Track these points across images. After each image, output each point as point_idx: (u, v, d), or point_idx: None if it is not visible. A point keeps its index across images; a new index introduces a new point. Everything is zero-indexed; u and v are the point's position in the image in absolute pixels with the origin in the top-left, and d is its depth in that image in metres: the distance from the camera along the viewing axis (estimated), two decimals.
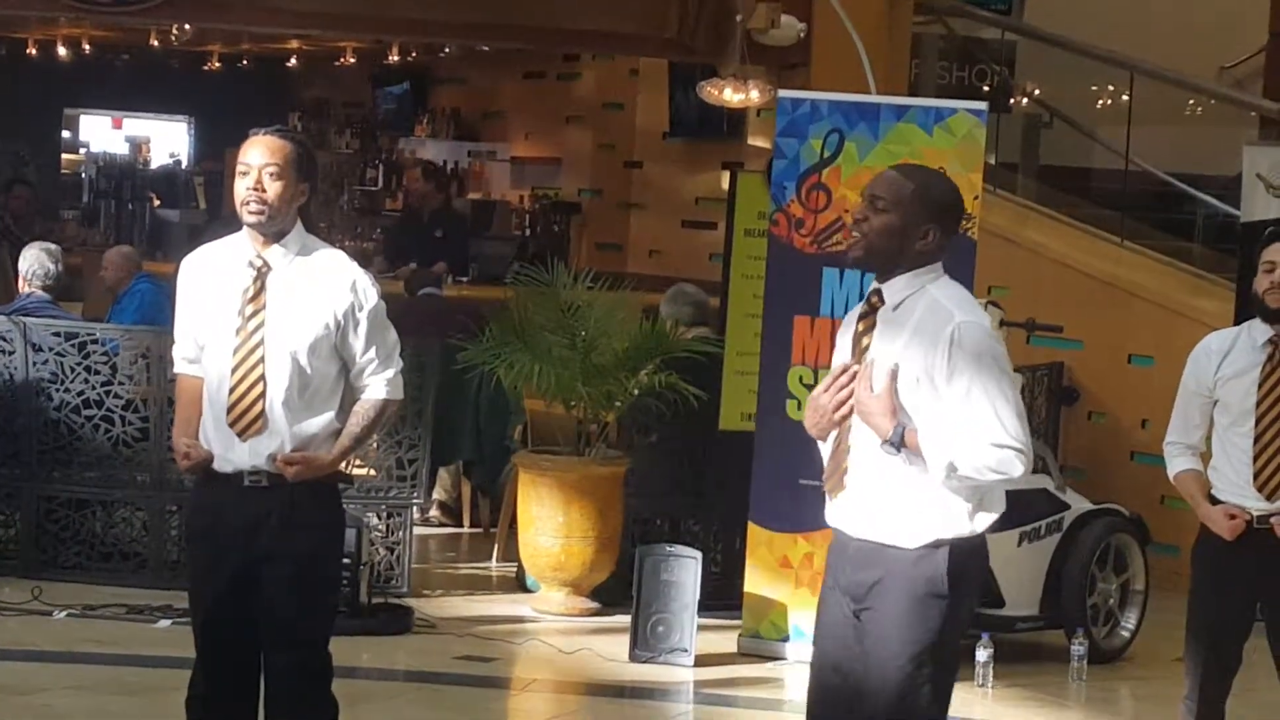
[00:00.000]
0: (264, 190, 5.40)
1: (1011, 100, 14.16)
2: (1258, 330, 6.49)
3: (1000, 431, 4.87)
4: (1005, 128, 13.62)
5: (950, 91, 13.32)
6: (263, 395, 5.41)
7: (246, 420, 5.42)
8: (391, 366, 5.54)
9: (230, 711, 5.53)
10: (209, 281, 5.53)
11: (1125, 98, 13.09)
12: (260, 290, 5.44)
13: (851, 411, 5.02)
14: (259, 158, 5.42)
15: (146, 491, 9.68)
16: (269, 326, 5.42)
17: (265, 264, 5.46)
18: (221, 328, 5.46)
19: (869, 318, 5.06)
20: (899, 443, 4.91)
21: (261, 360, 5.41)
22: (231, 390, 5.42)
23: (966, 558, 4.98)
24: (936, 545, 4.94)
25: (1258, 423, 6.42)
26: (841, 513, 5.09)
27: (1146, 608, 9.45)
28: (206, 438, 5.48)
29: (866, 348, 5.04)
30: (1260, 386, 6.42)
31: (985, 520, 4.99)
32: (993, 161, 12.11)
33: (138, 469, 9.71)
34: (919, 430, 4.90)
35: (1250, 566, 6.44)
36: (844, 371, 5.05)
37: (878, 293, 5.05)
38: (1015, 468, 4.88)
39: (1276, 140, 11.44)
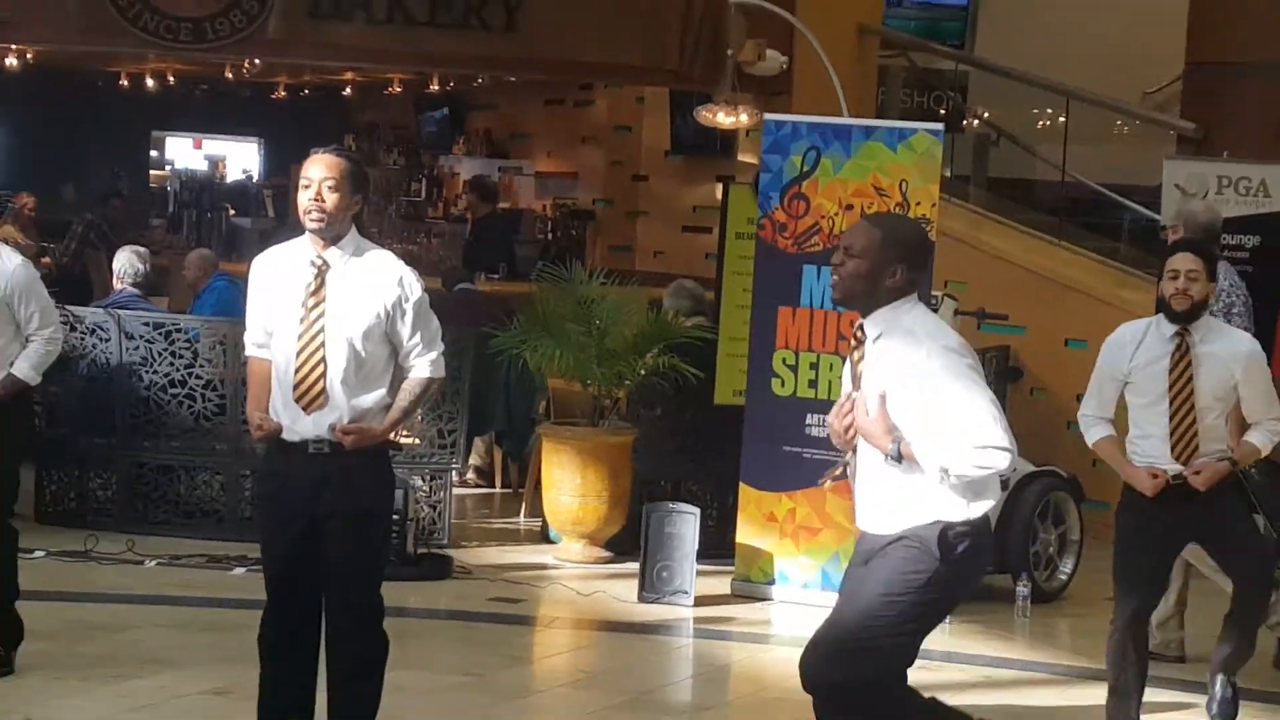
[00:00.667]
0: (324, 201, 5.40)
1: (964, 121, 14.15)
2: (1165, 326, 6.53)
3: (980, 433, 4.84)
4: (959, 145, 13.59)
5: (912, 114, 13.30)
6: (324, 375, 5.41)
7: (310, 396, 5.42)
8: (434, 349, 5.54)
9: (295, 646, 5.54)
10: (276, 278, 5.53)
11: (1062, 119, 13.06)
12: (320, 285, 5.44)
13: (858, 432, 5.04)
14: (319, 173, 5.42)
15: (224, 459, 9.69)
16: (328, 316, 5.42)
17: (325, 263, 5.46)
18: (287, 317, 5.45)
19: (859, 350, 5.07)
20: (898, 456, 4.91)
21: (322, 345, 5.41)
22: (297, 370, 5.42)
23: (963, 533, 4.92)
24: (936, 522, 4.93)
25: (1170, 403, 6.46)
26: (863, 515, 5.11)
27: (1081, 555, 9.46)
28: (276, 411, 5.48)
29: (860, 376, 5.05)
30: (1170, 373, 6.47)
31: (982, 506, 4.96)
32: (948, 174, 12.07)
33: (216, 439, 9.72)
34: (913, 443, 4.91)
35: (1170, 519, 6.46)
36: (847, 399, 5.07)
37: (861, 328, 5.06)
38: (1000, 461, 4.86)
39: (1192, 155, 11.42)
